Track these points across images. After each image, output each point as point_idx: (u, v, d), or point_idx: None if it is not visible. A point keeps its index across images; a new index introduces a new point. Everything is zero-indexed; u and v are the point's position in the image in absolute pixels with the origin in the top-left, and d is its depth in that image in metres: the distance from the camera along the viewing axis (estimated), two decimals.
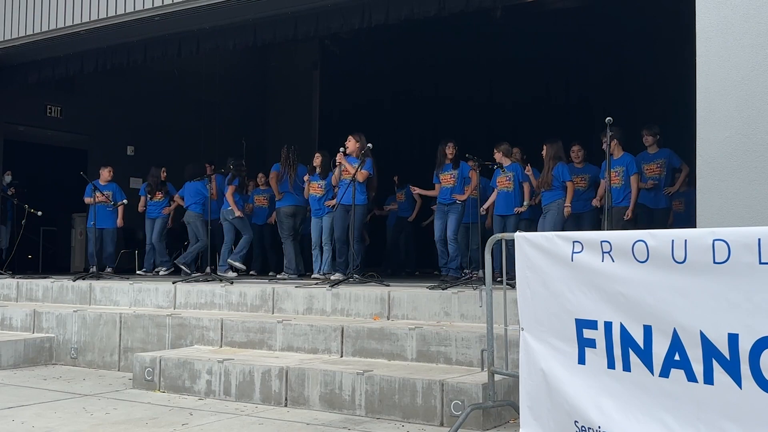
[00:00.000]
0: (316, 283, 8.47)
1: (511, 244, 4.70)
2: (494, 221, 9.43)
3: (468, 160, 9.52)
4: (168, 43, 10.67)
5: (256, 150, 16.28)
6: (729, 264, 3.50)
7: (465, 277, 8.40)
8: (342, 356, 6.72)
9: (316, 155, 10.40)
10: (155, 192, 11.97)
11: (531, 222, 9.23)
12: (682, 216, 9.32)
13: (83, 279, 9.90)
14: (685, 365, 3.65)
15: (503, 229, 9.01)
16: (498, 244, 5.10)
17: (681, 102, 7.58)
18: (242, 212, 11.11)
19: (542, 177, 8.85)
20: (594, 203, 9.04)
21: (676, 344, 3.69)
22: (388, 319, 7.21)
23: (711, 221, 5.42)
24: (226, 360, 6.51)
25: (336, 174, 9.46)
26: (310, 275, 10.56)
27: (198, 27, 10.02)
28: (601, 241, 4.07)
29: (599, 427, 3.97)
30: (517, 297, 4.60)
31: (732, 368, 3.47)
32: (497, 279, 5.70)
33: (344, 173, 9.27)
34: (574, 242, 4.23)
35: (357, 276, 8.57)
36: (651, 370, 3.80)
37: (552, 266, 4.34)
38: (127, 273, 11.77)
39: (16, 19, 10.69)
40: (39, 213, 11.52)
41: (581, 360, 4.17)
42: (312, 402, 5.99)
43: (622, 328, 3.94)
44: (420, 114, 15.75)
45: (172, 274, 11.22)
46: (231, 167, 11.01)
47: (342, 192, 9.23)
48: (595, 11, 12.58)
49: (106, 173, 12.01)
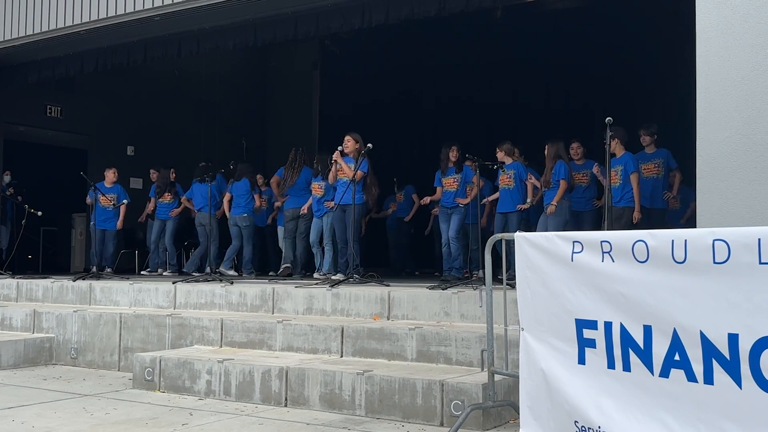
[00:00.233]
0: (316, 283, 8.47)
1: (512, 244, 4.71)
2: (496, 219, 9.43)
3: (467, 160, 9.53)
4: (168, 43, 10.67)
5: (256, 150, 16.29)
6: (729, 264, 3.50)
7: (465, 278, 8.39)
8: (342, 356, 6.72)
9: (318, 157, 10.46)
10: (164, 193, 11.96)
11: (527, 222, 9.23)
12: (678, 213, 9.33)
13: (83, 279, 9.89)
14: (685, 365, 3.66)
15: (505, 226, 9.03)
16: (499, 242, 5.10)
17: (681, 102, 7.58)
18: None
19: (544, 176, 8.85)
20: (594, 204, 9.03)
21: (676, 344, 3.69)
22: (388, 319, 7.21)
23: (711, 221, 5.42)
24: (226, 360, 6.51)
25: (332, 172, 9.47)
26: (311, 274, 10.57)
27: (198, 27, 10.02)
28: (601, 241, 4.07)
29: (599, 427, 3.97)
30: (517, 297, 4.61)
31: (732, 368, 3.47)
32: (498, 277, 5.69)
33: (340, 173, 9.28)
34: (574, 242, 4.23)
35: (357, 276, 8.58)
36: (651, 370, 3.81)
37: (552, 266, 4.35)
38: (127, 273, 11.77)
39: (16, 19, 10.69)
40: (39, 213, 11.52)
41: (581, 360, 4.17)
42: (312, 402, 5.99)
43: (622, 328, 3.95)
44: (420, 114, 15.75)
45: (172, 275, 11.21)
46: (231, 167, 11.00)
47: (340, 192, 9.23)
48: (595, 11, 12.58)
49: (111, 175, 11.92)
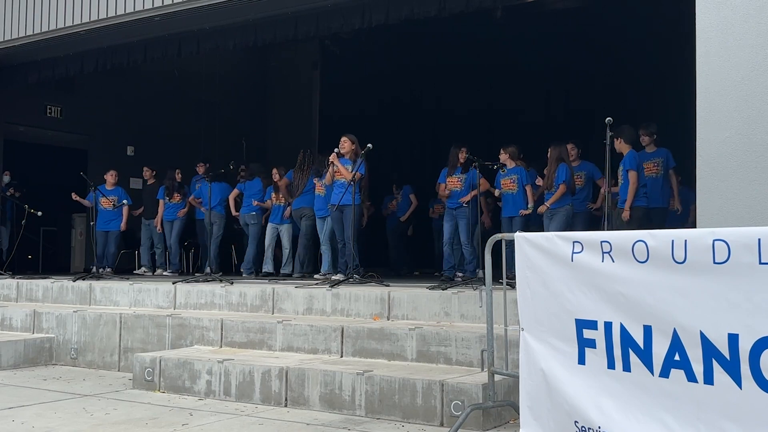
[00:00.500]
0: (316, 284, 8.47)
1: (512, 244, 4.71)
2: (502, 223, 9.41)
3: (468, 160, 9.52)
4: (168, 44, 10.67)
5: (256, 150, 16.29)
6: (729, 264, 3.50)
7: (469, 280, 8.37)
8: (342, 356, 6.72)
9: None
10: (173, 194, 11.98)
11: (532, 226, 9.21)
12: (680, 216, 9.31)
13: (83, 279, 9.89)
14: (685, 365, 3.66)
15: (510, 231, 8.97)
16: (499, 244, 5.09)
17: (681, 102, 7.57)
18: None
19: (546, 179, 8.81)
20: (589, 206, 8.99)
21: (676, 344, 3.69)
22: (388, 320, 7.21)
23: (711, 221, 5.42)
24: (226, 360, 6.51)
25: (329, 174, 9.48)
26: (311, 274, 10.57)
27: (198, 27, 10.02)
28: (601, 242, 4.07)
29: (599, 427, 3.97)
30: (517, 297, 4.61)
31: (732, 368, 3.47)
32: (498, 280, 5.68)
33: (337, 174, 9.29)
34: (574, 242, 4.23)
35: (357, 276, 8.58)
36: (651, 371, 3.81)
37: (552, 266, 4.35)
38: (127, 273, 11.77)
39: (16, 19, 10.69)
40: (39, 213, 11.52)
41: (581, 360, 4.17)
42: (312, 402, 5.99)
43: (622, 329, 3.95)
44: (420, 114, 15.75)
45: (172, 275, 11.21)
46: (231, 167, 10.98)
47: (337, 193, 9.23)
48: (595, 12, 12.59)
49: (111, 177, 11.96)
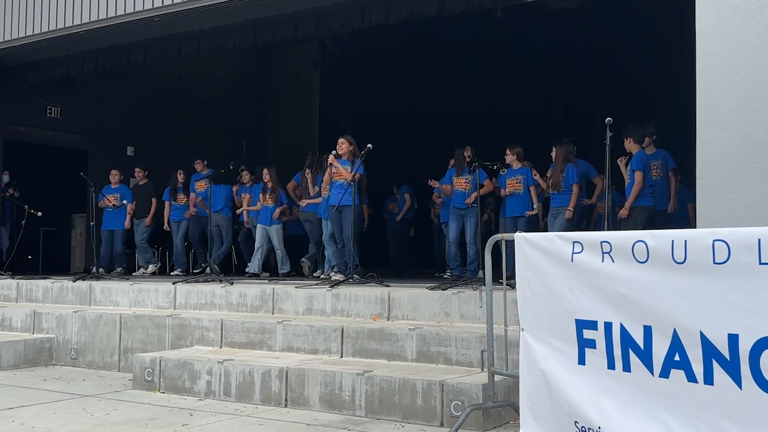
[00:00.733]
0: (316, 284, 8.47)
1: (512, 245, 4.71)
2: (506, 223, 9.40)
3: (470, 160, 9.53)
4: (168, 44, 10.67)
5: (256, 150, 16.28)
6: (729, 264, 3.50)
7: (471, 278, 8.37)
8: (342, 357, 6.72)
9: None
10: (176, 196, 12.00)
11: (536, 227, 9.22)
12: (677, 215, 9.30)
13: (83, 280, 9.89)
14: (685, 365, 3.66)
15: (515, 231, 8.96)
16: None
17: (681, 102, 7.57)
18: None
19: (553, 179, 8.75)
20: (584, 202, 8.98)
21: (676, 344, 3.69)
22: (388, 320, 7.21)
23: (711, 221, 5.42)
24: (226, 360, 6.51)
25: (327, 175, 9.48)
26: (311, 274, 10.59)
27: (198, 27, 10.02)
28: (601, 242, 4.07)
29: (599, 428, 3.97)
30: (517, 297, 4.61)
31: (732, 368, 3.47)
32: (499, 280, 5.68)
33: (336, 175, 9.29)
34: (574, 242, 4.23)
35: (357, 276, 8.58)
36: (651, 371, 3.81)
37: (552, 266, 4.35)
38: (127, 273, 11.77)
39: (16, 20, 10.69)
40: (39, 213, 11.52)
41: (581, 360, 4.17)
42: (312, 402, 5.99)
43: (622, 329, 3.95)
44: (420, 115, 15.75)
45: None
46: (231, 167, 10.97)
47: (336, 194, 9.23)
48: (595, 12, 12.58)
49: (115, 176, 12.03)
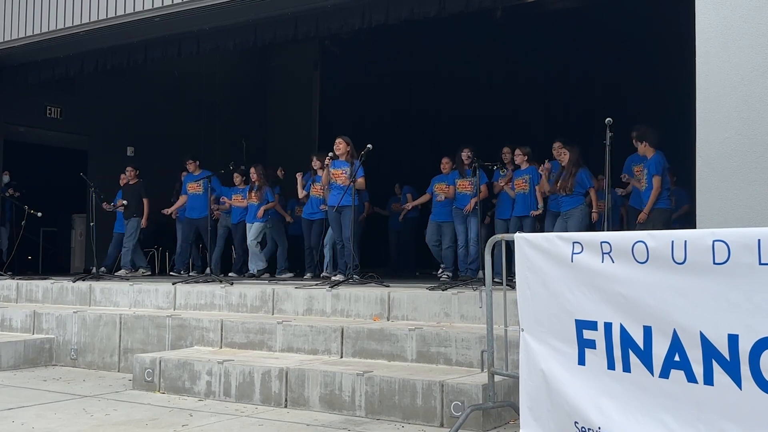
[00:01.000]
0: (316, 284, 8.47)
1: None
2: (511, 222, 9.39)
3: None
4: (168, 44, 10.67)
5: (256, 151, 16.27)
6: (729, 265, 3.50)
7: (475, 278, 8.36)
8: (342, 357, 6.72)
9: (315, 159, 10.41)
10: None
11: (541, 226, 9.20)
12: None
13: (83, 280, 9.89)
14: (685, 366, 3.66)
15: (520, 230, 8.95)
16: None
17: (680, 103, 7.56)
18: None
19: (563, 181, 8.71)
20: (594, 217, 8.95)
21: (676, 345, 3.69)
22: (388, 320, 7.21)
23: (711, 222, 5.42)
24: (226, 361, 6.51)
25: (324, 176, 9.48)
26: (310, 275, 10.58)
27: (198, 28, 10.02)
28: (601, 242, 4.07)
29: (599, 428, 3.97)
30: (517, 298, 4.61)
31: (732, 369, 3.47)
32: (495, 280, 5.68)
33: (334, 176, 9.29)
34: (574, 243, 4.23)
35: (357, 277, 8.57)
36: (651, 371, 3.81)
37: (552, 267, 4.35)
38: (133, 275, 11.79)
39: (16, 20, 10.69)
40: (39, 214, 11.52)
41: (581, 361, 4.17)
42: (312, 403, 5.99)
43: (622, 329, 3.95)
44: (419, 115, 15.74)
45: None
46: (231, 167, 10.97)
47: (334, 195, 9.23)
48: (595, 12, 12.57)
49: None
